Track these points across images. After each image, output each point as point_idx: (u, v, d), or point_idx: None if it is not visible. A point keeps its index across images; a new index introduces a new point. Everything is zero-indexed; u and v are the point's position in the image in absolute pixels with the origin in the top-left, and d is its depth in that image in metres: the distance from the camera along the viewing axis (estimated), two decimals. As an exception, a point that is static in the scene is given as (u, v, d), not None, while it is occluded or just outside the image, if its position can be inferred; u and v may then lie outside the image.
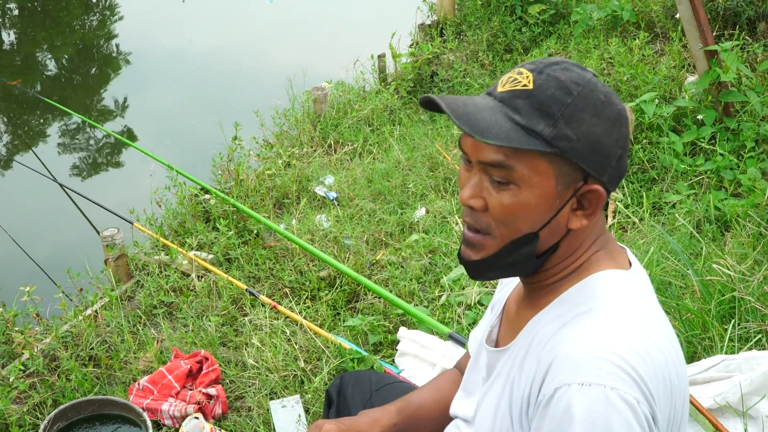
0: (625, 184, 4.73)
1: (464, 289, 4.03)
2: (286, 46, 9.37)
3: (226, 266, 4.63)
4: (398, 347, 3.65)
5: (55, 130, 7.85)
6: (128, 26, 10.53)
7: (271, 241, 4.81)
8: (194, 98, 8.31)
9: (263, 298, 4.13)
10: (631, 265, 1.60)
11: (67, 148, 7.57)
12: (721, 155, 4.72)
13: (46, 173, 6.28)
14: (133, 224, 4.88)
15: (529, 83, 1.46)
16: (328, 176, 5.62)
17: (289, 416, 3.35)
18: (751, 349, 3.02)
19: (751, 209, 4.17)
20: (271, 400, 3.50)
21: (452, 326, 3.79)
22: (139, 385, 3.60)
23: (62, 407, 3.32)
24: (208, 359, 3.72)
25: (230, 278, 4.31)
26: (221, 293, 4.28)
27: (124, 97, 8.65)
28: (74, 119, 7.80)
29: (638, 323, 1.45)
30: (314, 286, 4.32)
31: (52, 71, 9.61)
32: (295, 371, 3.66)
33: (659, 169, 4.92)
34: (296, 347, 3.78)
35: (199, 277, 4.46)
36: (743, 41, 5.65)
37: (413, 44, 7.97)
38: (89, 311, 4.19)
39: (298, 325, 3.94)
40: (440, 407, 2.02)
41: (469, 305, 3.93)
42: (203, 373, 3.67)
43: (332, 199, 5.34)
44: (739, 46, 5.39)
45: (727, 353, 3.00)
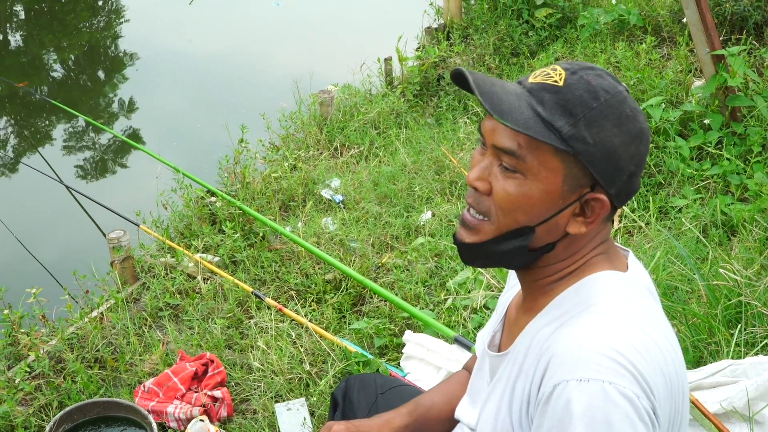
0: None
1: (470, 292, 4.03)
2: (292, 48, 9.38)
3: (231, 269, 4.63)
4: (404, 350, 3.64)
5: (61, 132, 7.86)
6: (134, 28, 10.54)
7: (276, 243, 4.82)
8: (200, 100, 8.31)
9: (269, 300, 4.13)
10: (628, 267, 1.61)
11: (73, 150, 7.58)
12: (727, 160, 4.71)
13: (52, 175, 6.28)
14: (139, 226, 4.88)
15: (560, 80, 1.48)
16: (334, 179, 5.62)
17: (294, 419, 3.35)
18: (757, 354, 3.02)
19: (757, 214, 4.16)
20: (276, 403, 3.50)
21: (458, 330, 3.78)
22: (144, 387, 3.61)
23: (68, 409, 3.33)
24: (213, 362, 3.73)
25: (236, 281, 4.31)
26: (227, 296, 4.28)
27: (130, 99, 8.67)
28: (80, 121, 7.81)
29: (635, 321, 1.45)
30: (320, 289, 4.32)
31: (58, 73, 9.63)
32: (300, 374, 3.66)
33: (666, 173, 4.91)
34: (302, 350, 3.78)
35: (204, 279, 4.46)
36: (750, 46, 5.64)
37: (420, 48, 7.96)
38: (95, 313, 4.19)
39: (303, 327, 3.94)
40: (451, 408, 2.02)
41: (474, 309, 3.92)
42: (209, 375, 3.67)
43: (338, 202, 5.34)
44: (746, 50, 5.38)
45: (733, 358, 2.99)
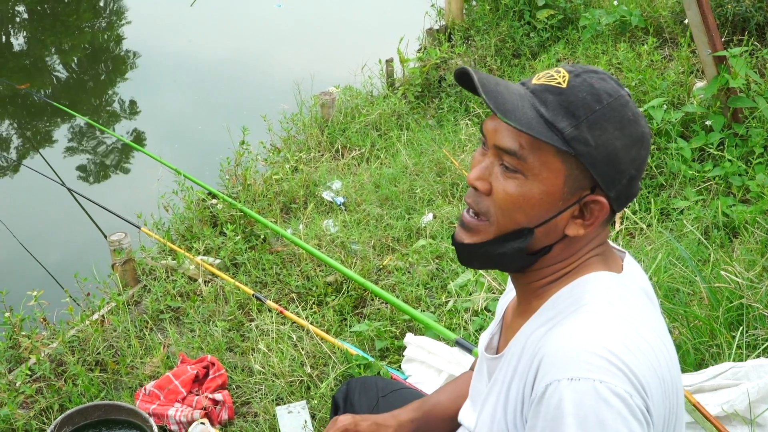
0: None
1: (471, 295, 4.02)
2: (293, 50, 9.38)
3: (233, 271, 4.63)
4: (405, 353, 3.64)
5: (63, 133, 7.86)
6: (136, 30, 10.56)
7: (278, 246, 4.81)
8: (202, 102, 8.32)
9: (270, 303, 4.12)
10: (623, 270, 1.61)
11: (74, 152, 7.58)
12: (729, 161, 4.71)
13: (54, 177, 6.28)
14: (140, 228, 4.87)
15: (563, 82, 1.49)
16: (335, 181, 5.62)
17: (295, 422, 3.34)
18: (759, 356, 3.01)
19: (759, 216, 4.16)
20: (277, 405, 3.50)
21: (459, 332, 3.78)
22: (145, 390, 3.60)
23: (69, 412, 3.32)
24: (214, 364, 3.72)
25: (237, 283, 4.31)
26: (228, 298, 4.28)
27: (132, 101, 8.67)
28: (82, 123, 7.81)
29: (628, 321, 1.45)
30: (321, 291, 4.31)
31: (60, 75, 9.63)
32: (301, 377, 3.65)
33: (667, 174, 4.91)
34: (303, 353, 3.78)
35: (206, 282, 4.46)
36: (752, 47, 5.63)
37: (421, 49, 7.97)
38: (96, 316, 4.19)
39: (304, 330, 3.94)
40: (456, 407, 2.03)
41: (476, 311, 3.92)
42: (210, 378, 3.67)
43: (339, 204, 5.34)
44: (747, 51, 5.37)
45: (734, 361, 2.99)
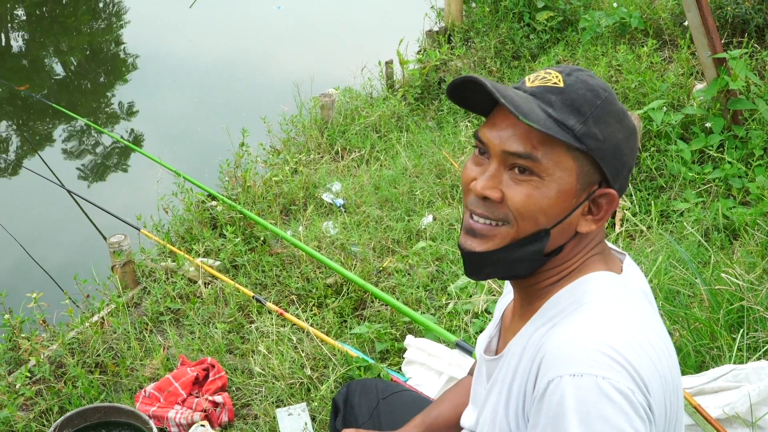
0: (633, 191, 4.72)
1: (471, 297, 4.02)
2: (293, 52, 9.38)
3: (232, 273, 4.62)
4: (405, 355, 3.64)
5: (62, 135, 7.86)
6: (135, 32, 10.55)
7: (277, 248, 4.81)
8: (201, 104, 8.31)
9: (270, 305, 4.12)
10: (623, 271, 1.61)
11: (74, 153, 7.58)
12: (729, 163, 4.71)
13: (53, 179, 6.28)
14: (140, 230, 4.87)
15: (559, 82, 1.50)
16: (335, 183, 5.62)
17: (295, 424, 3.34)
18: (759, 359, 3.01)
19: (759, 218, 4.16)
20: (277, 407, 3.50)
21: (459, 334, 3.78)
22: (145, 392, 3.60)
23: (68, 414, 3.32)
24: (214, 366, 3.72)
25: (237, 285, 4.31)
26: (228, 300, 4.28)
27: (131, 102, 8.67)
28: (81, 124, 7.81)
29: (629, 319, 1.45)
30: (321, 293, 4.31)
31: (59, 76, 9.63)
32: (301, 379, 3.65)
33: (667, 177, 4.91)
34: (303, 355, 3.78)
35: (205, 284, 4.46)
36: (752, 49, 5.63)
37: (421, 51, 7.96)
38: (96, 318, 4.19)
39: (304, 332, 3.93)
40: (458, 414, 2.03)
41: (476, 313, 3.92)
42: (210, 380, 3.67)
43: (339, 206, 5.34)
44: (747, 53, 5.37)
45: (735, 363, 2.99)
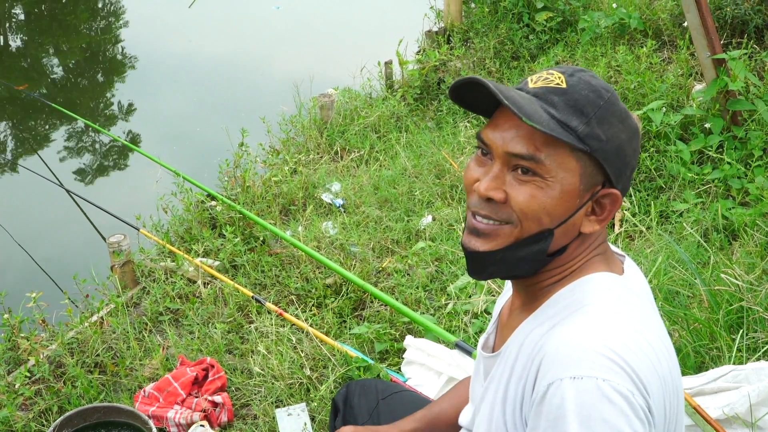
0: (632, 192, 4.72)
1: (471, 297, 4.02)
2: (292, 52, 9.38)
3: (232, 273, 4.62)
4: (404, 356, 3.64)
5: (61, 134, 7.86)
6: (134, 31, 10.56)
7: (277, 248, 4.81)
8: (200, 104, 8.31)
9: (269, 305, 4.12)
10: (624, 272, 1.61)
11: (72, 153, 7.58)
12: (728, 164, 4.71)
13: (52, 178, 6.28)
14: (139, 230, 4.87)
15: (561, 82, 1.50)
16: (334, 183, 5.62)
17: (294, 424, 3.34)
18: (759, 359, 3.01)
19: (759, 218, 4.16)
20: (276, 408, 3.50)
21: (459, 335, 3.78)
22: (144, 392, 3.60)
23: (68, 414, 3.31)
24: (213, 366, 3.72)
25: (236, 285, 4.31)
26: (227, 300, 4.28)
27: (130, 102, 8.67)
28: (80, 124, 7.81)
29: (629, 320, 1.45)
30: (320, 293, 4.31)
31: (58, 76, 9.63)
32: (301, 379, 3.65)
33: (666, 177, 4.91)
34: (302, 355, 3.78)
35: (205, 284, 4.46)
36: (751, 50, 5.64)
37: (420, 51, 7.96)
38: (95, 318, 4.19)
39: (304, 332, 3.93)
40: (460, 412, 2.03)
41: (475, 314, 3.92)
42: (209, 380, 3.66)
43: (338, 206, 5.34)
44: (747, 54, 5.38)
45: (735, 364, 2.99)
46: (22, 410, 3.63)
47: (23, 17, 11.34)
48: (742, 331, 3.14)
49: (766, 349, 3.08)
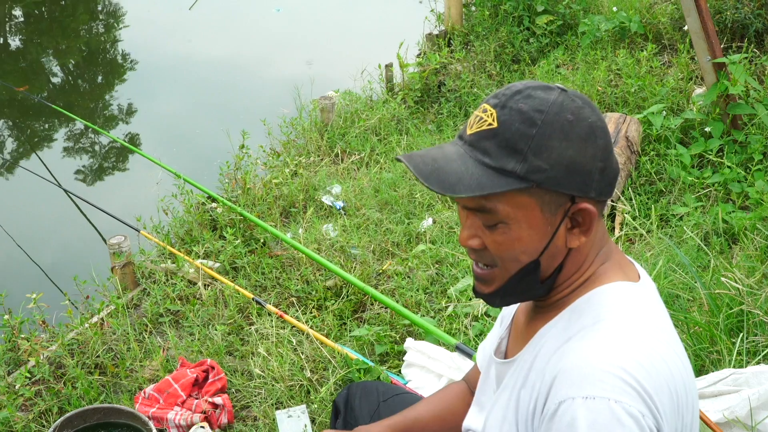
0: (632, 195, 4.72)
1: (471, 300, 4.03)
2: (292, 54, 9.37)
3: (232, 275, 4.62)
4: (405, 358, 3.64)
5: (60, 136, 7.86)
6: (134, 33, 10.54)
7: (277, 250, 4.81)
8: (201, 106, 8.31)
9: (270, 307, 4.12)
10: (640, 277, 1.60)
11: (72, 154, 7.58)
12: (728, 168, 4.72)
13: (51, 179, 6.29)
14: (139, 232, 4.87)
15: (493, 121, 1.47)
16: (335, 185, 5.62)
17: (295, 426, 3.34)
18: (759, 363, 3.01)
19: (759, 222, 4.16)
20: (277, 409, 3.49)
21: (459, 337, 3.78)
22: (144, 393, 3.60)
23: (68, 415, 3.32)
24: (214, 368, 3.72)
25: (237, 287, 4.31)
26: (228, 302, 4.28)
27: (129, 103, 8.66)
28: (80, 125, 7.81)
29: (644, 336, 1.44)
30: (321, 295, 4.31)
31: (58, 77, 9.62)
32: (301, 381, 3.65)
33: (666, 181, 4.91)
34: (302, 357, 3.78)
35: (205, 285, 4.46)
36: (751, 54, 5.65)
37: (421, 54, 7.96)
38: (95, 319, 4.19)
39: (304, 334, 3.93)
40: (438, 421, 2.03)
41: (476, 316, 3.92)
42: (209, 382, 3.67)
43: (339, 208, 5.34)
44: (747, 58, 5.39)
45: (735, 367, 2.99)
46: (22, 411, 3.63)
47: (23, 19, 11.33)
48: (742, 334, 3.14)
49: (766, 352, 3.08)
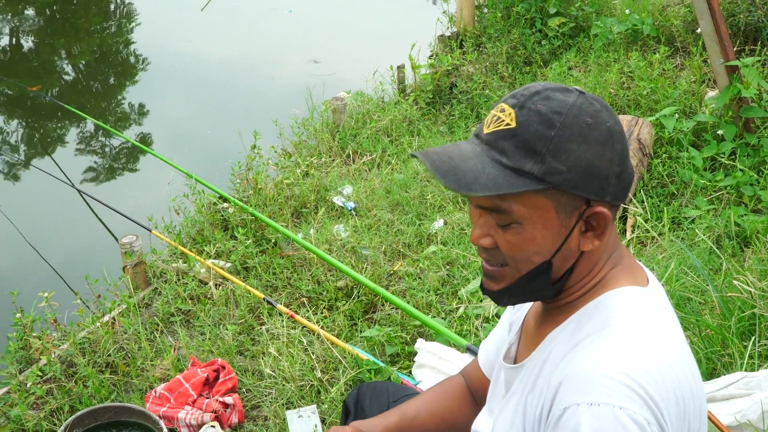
0: (644, 198, 4.71)
1: (482, 301, 4.03)
2: (304, 56, 9.38)
3: (243, 275, 4.63)
4: (415, 359, 3.64)
5: (72, 136, 7.88)
6: (146, 34, 10.56)
7: (288, 250, 4.82)
8: (212, 106, 8.31)
9: (280, 307, 4.13)
10: (649, 281, 1.60)
11: (84, 153, 7.60)
12: (741, 171, 4.70)
13: (64, 179, 6.31)
14: (151, 231, 4.88)
15: (511, 121, 1.46)
16: (346, 186, 5.62)
17: (305, 426, 3.34)
18: (771, 366, 3.01)
19: (771, 225, 4.16)
20: (287, 409, 3.49)
21: (470, 338, 3.78)
22: (155, 392, 3.61)
23: (79, 413, 3.33)
24: (225, 368, 3.73)
25: (248, 287, 4.31)
26: (239, 302, 4.29)
27: (141, 103, 8.68)
28: (92, 125, 7.83)
29: (651, 342, 1.44)
30: (331, 296, 4.32)
31: (70, 77, 9.65)
32: (311, 381, 3.65)
33: (679, 183, 4.90)
34: (313, 357, 3.78)
35: (216, 285, 4.47)
36: (764, 57, 5.63)
37: (433, 55, 7.96)
38: (107, 318, 4.20)
39: (315, 334, 3.94)
40: (436, 420, 2.02)
41: (486, 318, 3.92)
42: (220, 381, 3.67)
43: (350, 209, 5.34)
44: (760, 61, 5.37)
45: (747, 370, 2.98)
46: (33, 409, 3.64)
47: (35, 19, 11.37)
48: (754, 338, 3.14)
49: (778, 356, 3.08)
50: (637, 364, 1.38)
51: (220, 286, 4.47)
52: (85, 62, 10.06)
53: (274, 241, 4.86)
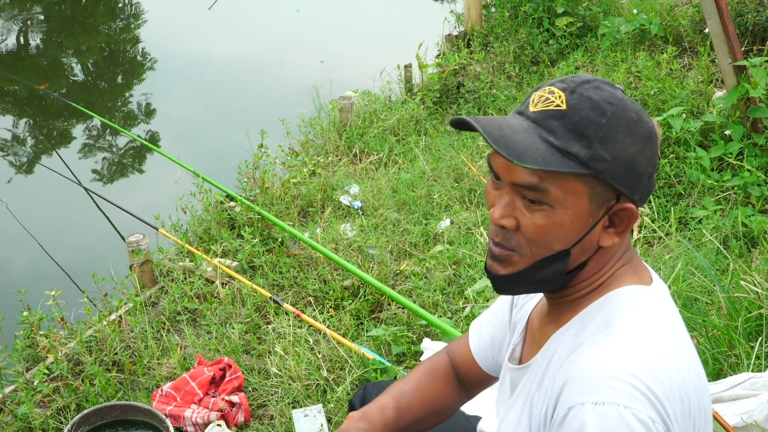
0: (651, 198, 4.70)
1: (488, 301, 4.02)
2: (311, 55, 9.38)
3: (250, 274, 4.64)
4: (422, 358, 3.64)
5: (80, 134, 7.90)
6: (153, 33, 10.58)
7: (295, 249, 4.82)
8: (219, 105, 8.33)
9: (287, 306, 4.13)
10: (653, 280, 1.59)
11: (92, 152, 7.61)
12: (748, 171, 4.69)
13: (71, 177, 6.32)
14: (158, 230, 4.89)
15: (562, 103, 1.45)
16: (353, 185, 5.62)
17: (311, 425, 3.35)
18: (778, 367, 3.01)
19: (778, 226, 4.15)
20: (293, 408, 3.50)
21: (476, 338, 3.77)
22: (162, 391, 3.61)
23: (85, 412, 3.34)
24: (231, 367, 3.73)
25: (254, 286, 4.32)
26: (245, 301, 4.29)
27: (148, 102, 8.70)
28: (99, 123, 7.84)
29: (655, 341, 1.43)
30: (338, 295, 4.32)
31: (77, 76, 9.67)
32: (317, 380, 3.66)
33: (686, 184, 4.89)
34: (319, 356, 3.78)
35: (223, 284, 4.47)
36: (772, 57, 5.62)
37: (440, 55, 7.96)
38: (113, 316, 4.21)
39: (321, 334, 3.94)
40: (426, 407, 1.98)
41: (493, 318, 3.91)
42: (226, 380, 3.67)
43: (357, 208, 5.34)
44: (768, 61, 5.36)
45: (753, 371, 2.98)
46: (40, 407, 3.65)
47: (43, 18, 11.39)
48: (760, 338, 3.13)
49: (785, 357, 3.07)
50: (641, 363, 1.38)
51: (226, 284, 4.47)
52: (92, 61, 10.08)
53: (280, 240, 4.87)
